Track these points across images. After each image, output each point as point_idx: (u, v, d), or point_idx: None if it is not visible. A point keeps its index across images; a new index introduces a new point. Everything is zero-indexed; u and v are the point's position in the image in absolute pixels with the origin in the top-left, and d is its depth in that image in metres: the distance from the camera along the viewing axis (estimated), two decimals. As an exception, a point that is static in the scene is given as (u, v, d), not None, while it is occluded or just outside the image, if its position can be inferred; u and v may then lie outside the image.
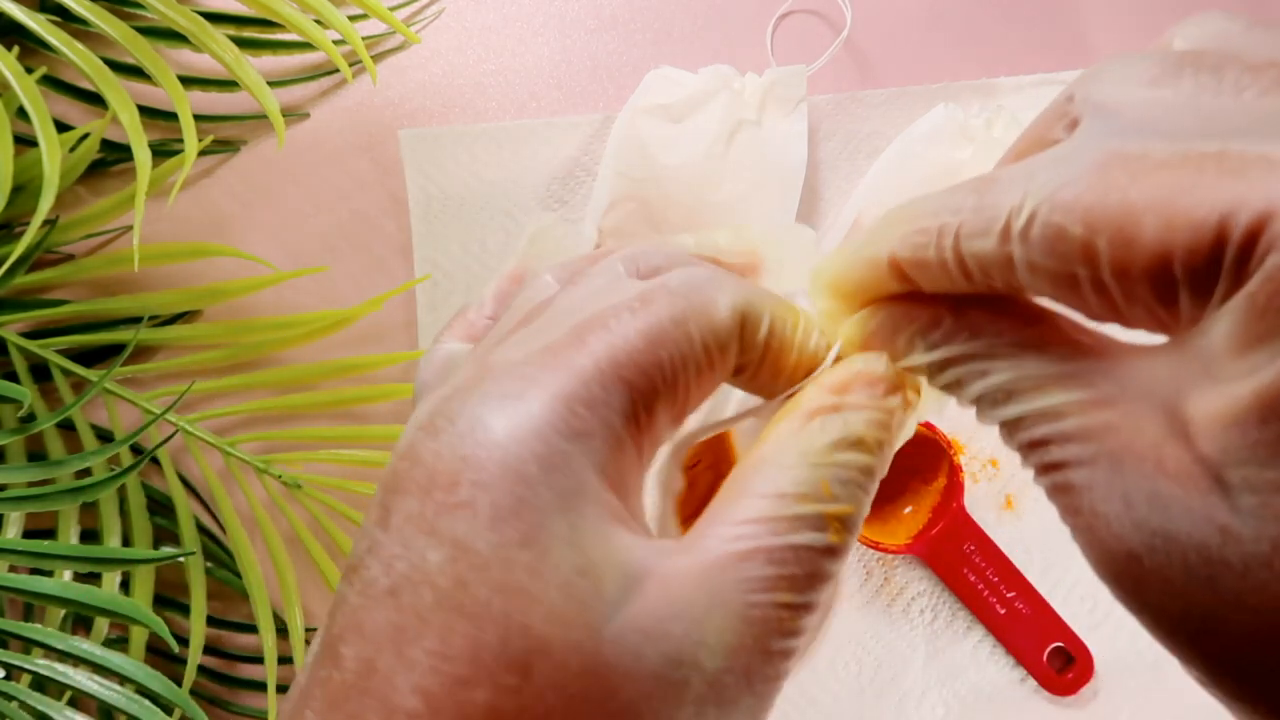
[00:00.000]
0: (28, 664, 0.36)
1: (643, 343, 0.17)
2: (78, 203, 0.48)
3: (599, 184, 0.45)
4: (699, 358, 0.17)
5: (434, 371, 0.22)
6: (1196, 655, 0.14)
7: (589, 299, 0.18)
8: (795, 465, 0.17)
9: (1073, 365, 0.16)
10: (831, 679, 0.44)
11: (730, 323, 0.18)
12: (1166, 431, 0.14)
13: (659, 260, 0.20)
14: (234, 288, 0.45)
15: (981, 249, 0.16)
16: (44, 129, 0.37)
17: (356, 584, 0.16)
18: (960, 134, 0.44)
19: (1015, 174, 0.15)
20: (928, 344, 0.17)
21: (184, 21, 0.39)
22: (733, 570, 0.16)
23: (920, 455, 0.43)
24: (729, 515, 0.16)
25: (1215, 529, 0.13)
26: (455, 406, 0.16)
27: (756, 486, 0.17)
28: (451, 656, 0.15)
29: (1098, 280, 0.14)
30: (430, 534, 0.15)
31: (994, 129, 0.44)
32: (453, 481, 0.15)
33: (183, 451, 0.46)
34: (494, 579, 0.15)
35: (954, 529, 0.43)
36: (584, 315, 0.17)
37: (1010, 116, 0.43)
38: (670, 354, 0.17)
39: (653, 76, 0.45)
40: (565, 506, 0.15)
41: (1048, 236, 0.14)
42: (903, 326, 0.18)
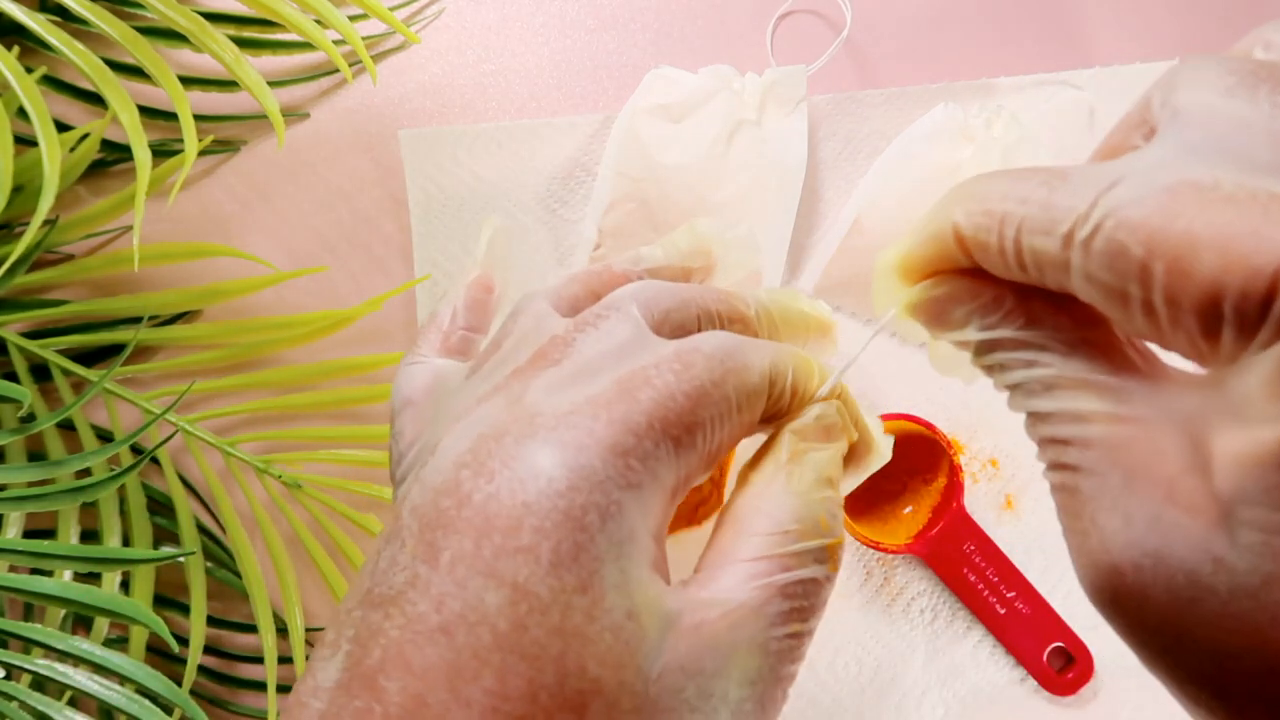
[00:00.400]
0: (28, 664, 0.36)
1: (688, 403, 0.18)
2: (78, 203, 0.48)
3: (599, 184, 0.45)
4: (734, 416, 0.19)
5: (419, 388, 0.23)
6: (1166, 663, 0.15)
7: (621, 353, 0.19)
8: (791, 504, 0.19)
9: (1115, 378, 0.16)
10: (831, 679, 0.44)
11: (761, 384, 0.20)
12: (1185, 461, 0.15)
13: (669, 302, 0.21)
14: (234, 288, 0.45)
15: (1042, 247, 0.16)
16: (44, 129, 0.37)
17: (398, 618, 0.16)
18: (960, 134, 0.44)
19: (1087, 179, 0.16)
20: (984, 323, 0.18)
21: (184, 21, 0.39)
22: (754, 609, 0.17)
23: (920, 455, 0.43)
24: (739, 553, 0.18)
25: (1209, 558, 0.14)
26: (509, 449, 0.17)
27: (759, 526, 0.18)
28: (510, 697, 0.15)
29: (1148, 302, 0.15)
30: (489, 575, 0.16)
31: (994, 129, 0.44)
32: (513, 526, 0.16)
33: (183, 451, 0.46)
34: (553, 622, 0.16)
35: (954, 529, 0.43)
36: (624, 370, 0.18)
37: (1010, 116, 0.43)
38: (711, 414, 0.18)
39: (653, 76, 0.45)
40: (618, 554, 0.16)
41: (1109, 251, 0.15)
42: (964, 301, 0.19)
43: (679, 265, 0.25)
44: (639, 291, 0.21)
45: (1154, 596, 0.15)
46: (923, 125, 0.44)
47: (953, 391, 0.45)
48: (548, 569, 0.16)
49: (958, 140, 0.44)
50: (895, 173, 0.44)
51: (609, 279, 0.24)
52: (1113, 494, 0.15)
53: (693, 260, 0.25)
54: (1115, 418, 0.16)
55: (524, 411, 0.18)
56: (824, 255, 0.45)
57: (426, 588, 0.16)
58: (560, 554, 0.16)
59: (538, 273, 0.47)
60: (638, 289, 0.21)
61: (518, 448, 0.17)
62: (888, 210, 0.44)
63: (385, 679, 0.16)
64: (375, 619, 0.16)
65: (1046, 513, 0.45)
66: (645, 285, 0.21)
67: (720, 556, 0.18)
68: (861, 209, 0.44)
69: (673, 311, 0.21)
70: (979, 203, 0.17)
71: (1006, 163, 0.43)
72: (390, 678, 0.16)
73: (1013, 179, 0.17)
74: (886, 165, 0.45)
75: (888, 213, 0.44)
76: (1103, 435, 0.16)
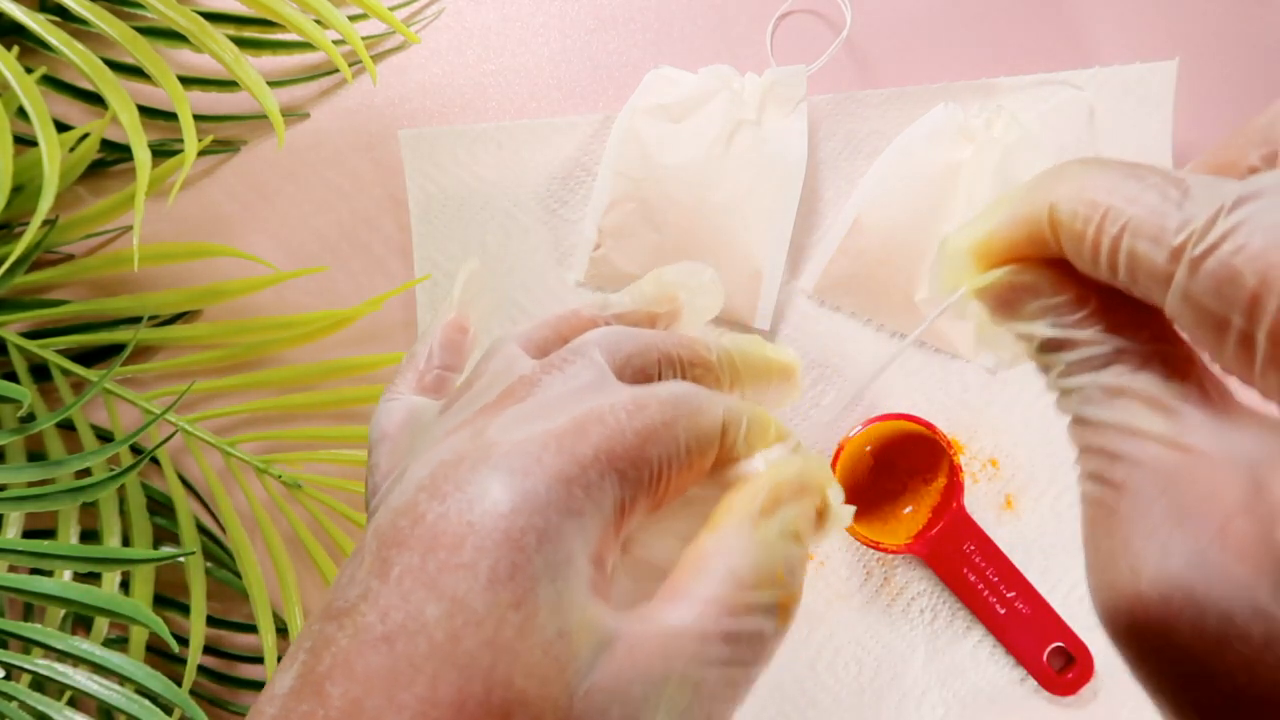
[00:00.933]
0: (28, 664, 0.36)
1: (636, 440, 0.19)
2: (78, 203, 0.48)
3: (599, 184, 0.45)
4: (683, 458, 0.20)
5: (395, 423, 0.24)
6: (1175, 697, 0.15)
7: (581, 393, 0.20)
8: (753, 552, 0.19)
9: (1183, 402, 0.16)
10: (831, 679, 0.44)
11: (713, 430, 0.20)
12: (1243, 503, 0.15)
13: (630, 347, 0.22)
14: (234, 288, 0.45)
15: (1145, 253, 0.16)
16: (44, 129, 0.37)
17: (349, 627, 0.17)
18: (960, 134, 0.44)
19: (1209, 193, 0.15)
20: (1060, 321, 0.18)
21: (184, 21, 0.39)
22: (692, 646, 0.17)
23: (920, 455, 0.43)
24: (691, 590, 0.18)
25: (1250, 604, 0.14)
26: (464, 475, 0.18)
27: (716, 566, 0.19)
28: (439, 703, 0.16)
29: (1248, 335, 0.14)
30: (431, 588, 0.17)
31: (994, 129, 0.44)
32: (457, 543, 0.17)
33: (183, 451, 0.46)
34: (486, 635, 0.16)
35: (954, 529, 0.43)
36: (582, 409, 0.19)
37: (1010, 116, 0.43)
38: (659, 452, 0.19)
39: (653, 76, 0.45)
40: (554, 575, 0.17)
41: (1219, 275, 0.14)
42: (1044, 295, 0.18)
43: (645, 310, 0.26)
44: (604, 337, 0.22)
45: (1178, 631, 0.14)
46: (923, 125, 0.44)
47: (953, 391, 0.45)
48: (485, 585, 0.17)
49: (958, 140, 0.44)
50: (895, 173, 0.44)
51: (577, 324, 0.25)
52: (1154, 521, 0.15)
53: (658, 305, 0.26)
54: (1174, 443, 0.15)
55: (483, 442, 0.19)
56: (824, 255, 0.45)
57: (375, 600, 0.17)
58: (497, 571, 0.17)
59: (538, 273, 0.47)
60: (603, 334, 0.22)
61: (471, 473, 0.18)
62: (888, 210, 0.44)
63: (330, 684, 0.16)
64: (330, 630, 0.17)
65: (1047, 512, 0.45)
66: (610, 330, 0.22)
67: (673, 589, 0.19)
68: (861, 209, 0.44)
69: (634, 356, 0.22)
70: (1084, 191, 0.17)
71: (1006, 163, 0.43)
72: (335, 683, 0.16)
73: (1124, 173, 0.16)
74: (886, 165, 0.45)
75: (888, 213, 0.44)
76: (1156, 458, 0.15)
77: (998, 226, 0.19)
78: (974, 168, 0.43)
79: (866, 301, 0.45)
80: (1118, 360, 0.17)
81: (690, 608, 0.18)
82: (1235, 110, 0.47)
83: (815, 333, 0.46)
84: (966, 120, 0.44)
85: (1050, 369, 0.18)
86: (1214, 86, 0.47)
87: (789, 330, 0.46)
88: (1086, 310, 0.18)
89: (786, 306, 0.46)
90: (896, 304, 0.45)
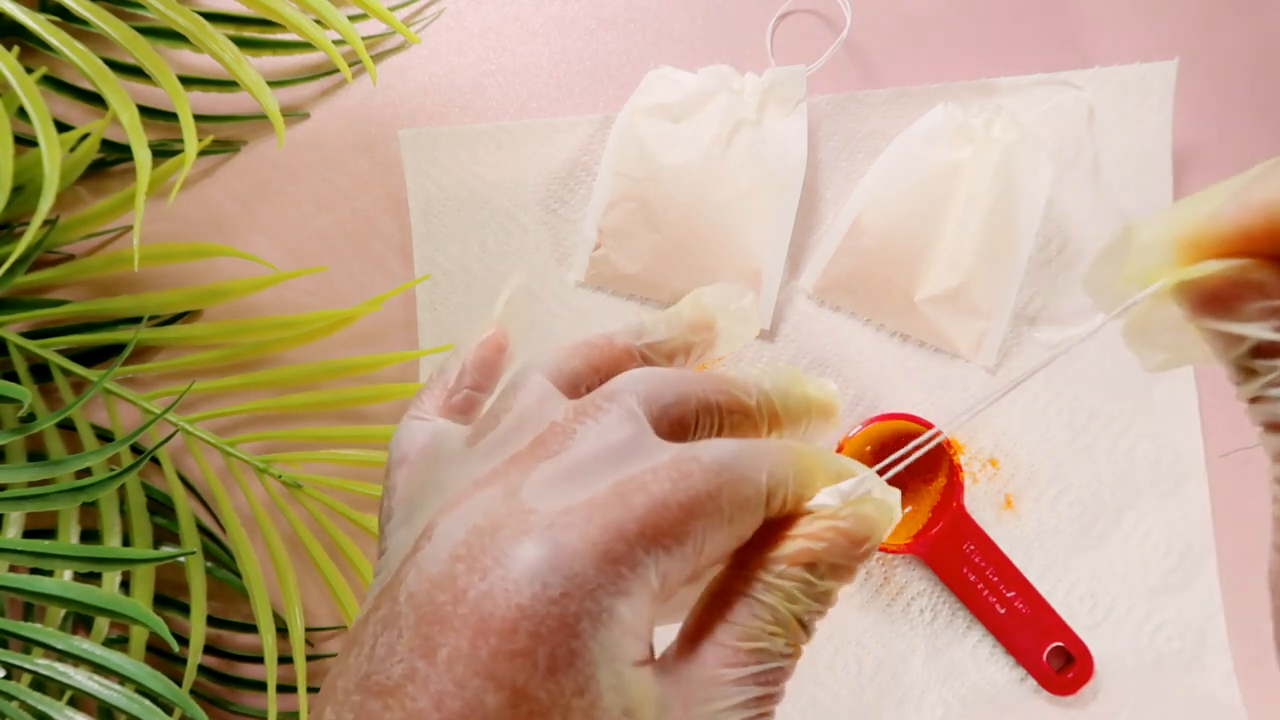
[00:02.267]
0: (28, 664, 0.36)
1: (681, 513, 0.19)
2: (78, 203, 0.48)
3: (599, 184, 0.46)
4: (727, 528, 0.19)
5: (417, 447, 0.23)
6: None
7: (619, 454, 0.20)
8: (779, 608, 0.19)
9: None
10: (831, 679, 0.44)
11: (758, 497, 0.20)
12: None
13: (670, 398, 0.21)
14: (234, 288, 0.45)
15: None
16: (44, 129, 0.37)
17: (397, 711, 0.17)
18: (960, 134, 0.44)
19: None
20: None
21: (184, 21, 0.39)
22: (732, 695, 0.19)
23: (920, 456, 0.43)
24: (719, 636, 0.19)
25: None
26: (503, 548, 0.18)
27: (741, 616, 0.19)
28: None
29: None
30: (488, 678, 0.17)
31: (994, 129, 0.44)
32: (509, 629, 0.17)
33: (183, 451, 0.46)
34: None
35: (954, 529, 0.43)
36: (621, 474, 0.19)
37: (1010, 116, 0.43)
38: (704, 525, 0.19)
39: (653, 76, 0.45)
40: (611, 657, 0.17)
41: None
42: (1270, 294, 0.17)
43: (682, 339, 0.25)
44: (640, 382, 0.21)
45: None
46: (923, 125, 0.44)
47: (953, 391, 0.45)
48: (545, 674, 0.17)
49: (958, 140, 0.44)
50: (895, 173, 0.44)
51: (611, 354, 0.24)
52: None
53: (695, 334, 0.25)
54: None
55: (519, 506, 0.18)
56: (824, 255, 0.45)
57: (425, 684, 0.17)
58: (557, 659, 0.17)
59: (538, 273, 0.47)
60: (640, 378, 0.21)
61: (512, 545, 0.18)
62: (888, 210, 0.44)
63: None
64: (374, 708, 0.17)
65: (1046, 512, 0.45)
66: (647, 375, 0.22)
67: (702, 632, 0.19)
68: (861, 209, 0.44)
69: (672, 407, 0.21)
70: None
71: (1006, 163, 0.43)
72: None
73: None
74: (886, 165, 0.45)
75: (888, 213, 0.44)
76: None
77: (1218, 215, 0.18)
78: (974, 168, 0.43)
79: (866, 301, 0.45)
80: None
81: (722, 654, 0.19)
82: (1235, 110, 0.47)
83: (815, 333, 0.46)
84: (966, 120, 0.44)
85: (1258, 375, 0.18)
86: (1214, 86, 0.47)
87: (789, 330, 0.46)
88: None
89: (786, 306, 0.46)
90: (897, 304, 0.45)
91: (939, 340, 0.45)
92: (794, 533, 0.20)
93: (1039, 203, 0.44)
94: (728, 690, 0.19)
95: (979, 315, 0.44)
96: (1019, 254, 0.44)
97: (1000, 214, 0.43)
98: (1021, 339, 0.46)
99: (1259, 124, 0.47)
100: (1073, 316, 0.46)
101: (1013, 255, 0.44)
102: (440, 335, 0.46)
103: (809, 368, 0.46)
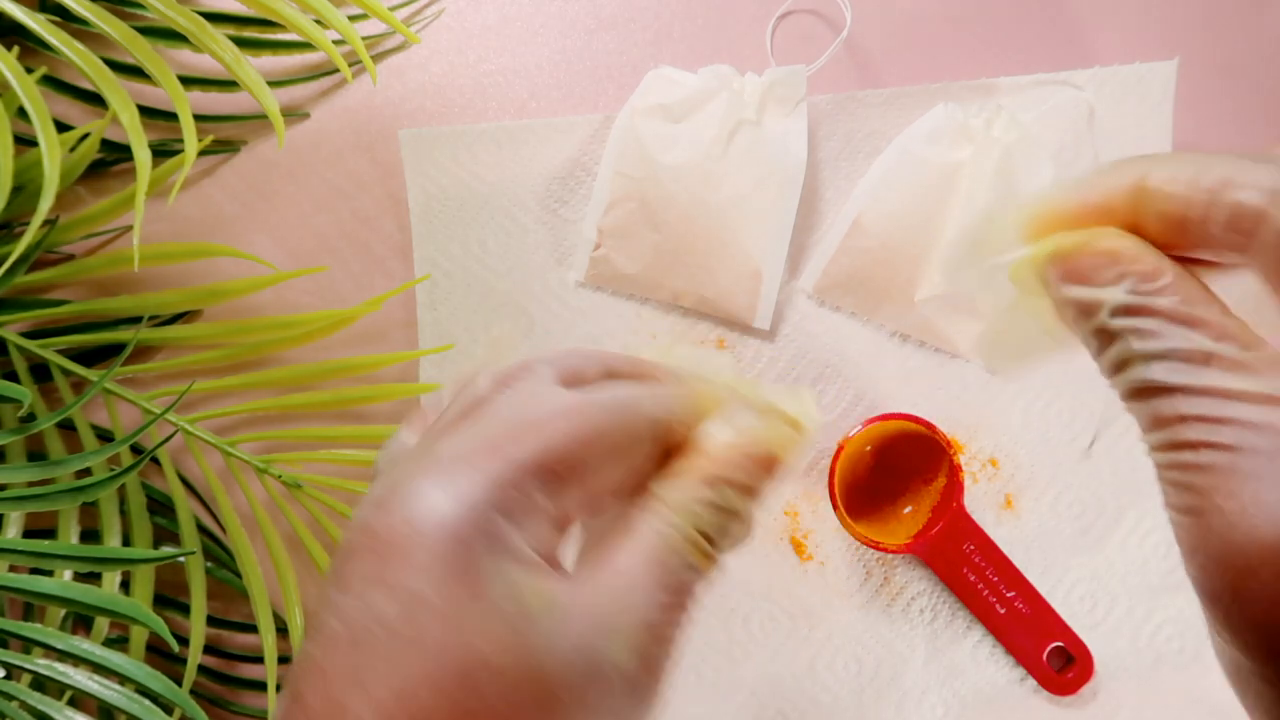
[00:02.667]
0: (28, 664, 0.36)
1: (572, 445, 0.20)
2: (78, 203, 0.48)
3: (599, 184, 0.46)
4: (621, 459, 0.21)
5: (389, 459, 0.25)
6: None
7: (524, 402, 0.21)
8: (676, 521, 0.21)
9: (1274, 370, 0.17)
10: (831, 679, 0.44)
11: (651, 430, 0.22)
12: None
13: (578, 362, 0.23)
14: (234, 288, 0.45)
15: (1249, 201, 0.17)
16: (44, 129, 0.37)
17: (318, 639, 0.19)
18: (960, 134, 0.44)
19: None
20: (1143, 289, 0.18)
21: (184, 21, 0.39)
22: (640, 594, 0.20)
23: (920, 455, 0.43)
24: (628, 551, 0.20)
25: None
26: (407, 487, 0.20)
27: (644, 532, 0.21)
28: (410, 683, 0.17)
29: None
30: (389, 591, 0.18)
31: (994, 129, 0.44)
32: (406, 548, 0.18)
33: (183, 451, 0.46)
34: (446, 620, 0.18)
35: (954, 529, 0.43)
36: (519, 416, 0.21)
37: (1010, 116, 0.43)
38: (596, 455, 0.20)
39: (653, 76, 0.45)
40: (496, 561, 0.19)
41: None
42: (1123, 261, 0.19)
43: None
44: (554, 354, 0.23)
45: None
46: (923, 125, 0.44)
47: (952, 391, 0.45)
48: (437, 577, 0.18)
49: (958, 140, 0.44)
50: (895, 173, 0.44)
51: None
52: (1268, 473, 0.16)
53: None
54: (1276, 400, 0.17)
55: (430, 457, 0.20)
56: (824, 255, 0.45)
57: (336, 608, 0.19)
58: (447, 564, 0.18)
59: (538, 273, 0.47)
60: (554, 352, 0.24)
61: (414, 483, 0.19)
62: (888, 210, 0.44)
63: (309, 692, 0.18)
64: (306, 647, 0.19)
65: (1046, 512, 0.45)
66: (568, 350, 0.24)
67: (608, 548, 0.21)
68: (861, 209, 0.44)
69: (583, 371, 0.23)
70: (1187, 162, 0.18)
71: (1006, 163, 0.43)
72: (312, 689, 0.18)
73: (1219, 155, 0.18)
74: (886, 165, 0.45)
75: (888, 213, 0.44)
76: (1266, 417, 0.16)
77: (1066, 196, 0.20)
78: (974, 168, 0.43)
79: (866, 301, 0.45)
80: (1199, 328, 0.17)
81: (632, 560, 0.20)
82: (1235, 110, 0.47)
83: (815, 333, 0.46)
84: (966, 120, 0.44)
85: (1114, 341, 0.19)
86: (1214, 86, 0.47)
87: (789, 330, 0.46)
88: (1165, 281, 0.18)
89: (786, 306, 0.46)
90: (897, 304, 0.45)
91: (939, 340, 0.45)
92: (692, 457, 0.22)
93: None
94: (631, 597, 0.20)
95: (979, 315, 0.44)
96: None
97: (1000, 214, 0.43)
98: (1021, 339, 0.45)
99: (1259, 124, 0.47)
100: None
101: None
102: (440, 335, 0.46)
103: (809, 368, 0.46)
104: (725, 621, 0.45)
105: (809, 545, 0.45)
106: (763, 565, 0.45)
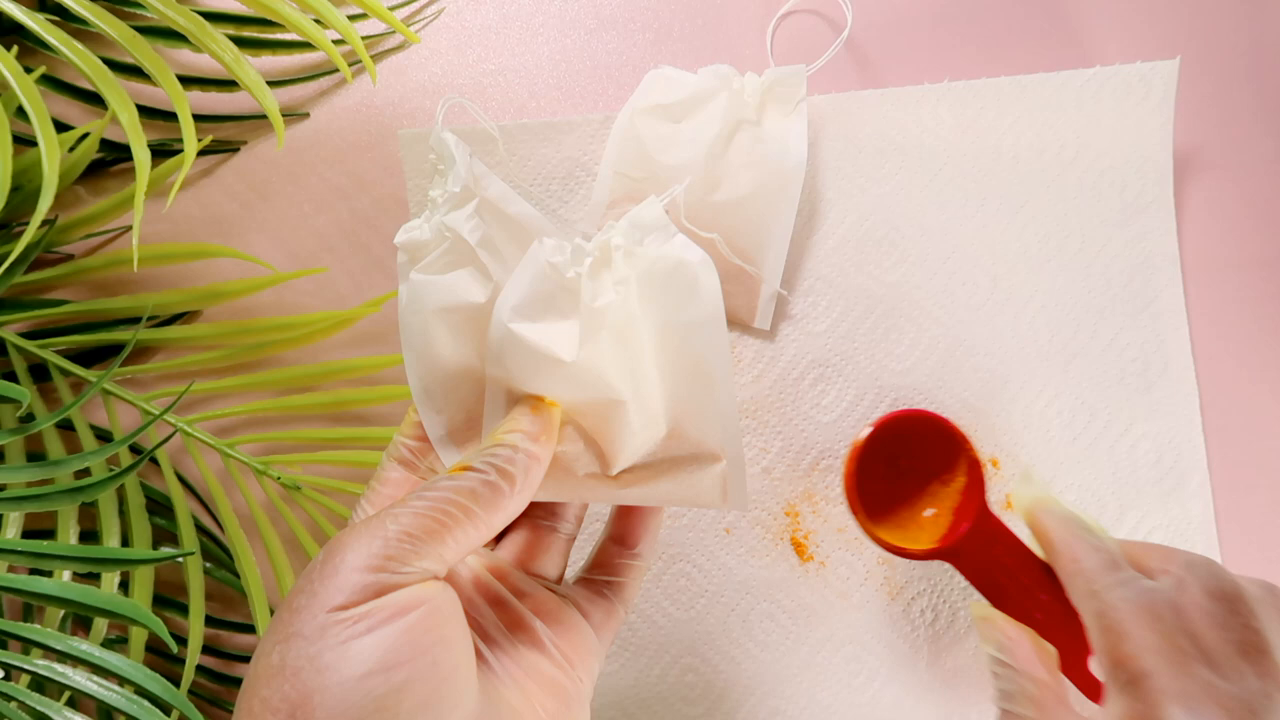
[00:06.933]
0: (27, 664, 0.36)
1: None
2: (77, 203, 0.48)
3: (599, 184, 0.45)
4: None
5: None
6: None
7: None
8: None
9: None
10: (832, 679, 0.44)
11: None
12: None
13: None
14: (234, 288, 0.45)
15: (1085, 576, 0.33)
16: (43, 129, 0.36)
17: None
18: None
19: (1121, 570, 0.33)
20: (1005, 651, 0.35)
21: (184, 21, 0.39)
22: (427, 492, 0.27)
23: (936, 454, 0.41)
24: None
25: None
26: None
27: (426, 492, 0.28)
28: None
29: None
30: None
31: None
32: None
33: (182, 452, 0.46)
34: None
35: (981, 530, 0.39)
36: None
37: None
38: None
39: (653, 76, 0.45)
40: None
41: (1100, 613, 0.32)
42: (994, 633, 0.36)
43: None
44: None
45: None
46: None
47: (953, 391, 0.45)
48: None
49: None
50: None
51: None
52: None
53: None
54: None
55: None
56: (824, 255, 0.45)
57: None
58: None
59: (537, 273, 0.46)
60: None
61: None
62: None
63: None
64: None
65: (1047, 513, 0.45)
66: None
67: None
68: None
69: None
70: (1088, 541, 0.35)
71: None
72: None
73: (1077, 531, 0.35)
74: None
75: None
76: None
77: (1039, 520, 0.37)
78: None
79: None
80: (1030, 685, 0.33)
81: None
82: (1235, 110, 0.47)
83: (815, 333, 0.46)
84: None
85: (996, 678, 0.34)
86: (1214, 86, 0.47)
87: (789, 330, 0.46)
88: (1021, 651, 0.34)
89: (786, 306, 0.46)
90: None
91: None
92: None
93: None
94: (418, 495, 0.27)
95: None
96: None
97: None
98: (1022, 339, 0.45)
99: (1260, 124, 0.47)
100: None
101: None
102: (440, 335, 0.46)
103: (809, 368, 0.46)
104: (725, 621, 0.45)
105: (809, 545, 0.45)
106: (763, 565, 0.45)
